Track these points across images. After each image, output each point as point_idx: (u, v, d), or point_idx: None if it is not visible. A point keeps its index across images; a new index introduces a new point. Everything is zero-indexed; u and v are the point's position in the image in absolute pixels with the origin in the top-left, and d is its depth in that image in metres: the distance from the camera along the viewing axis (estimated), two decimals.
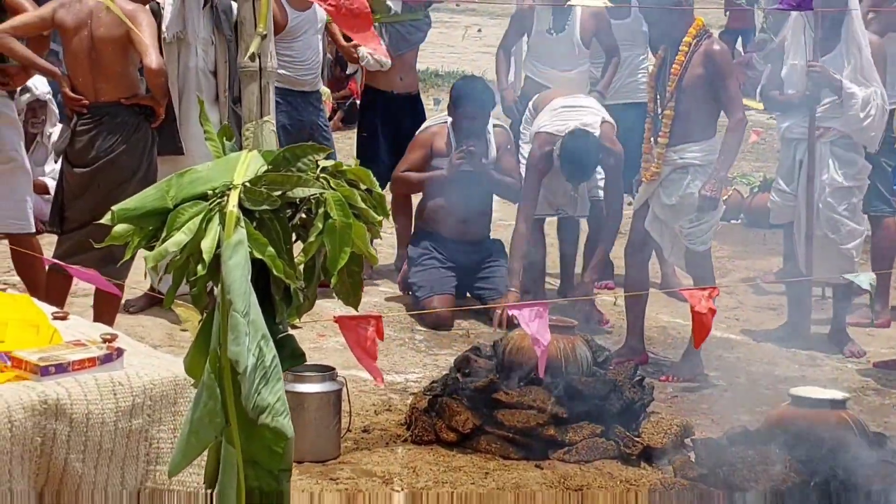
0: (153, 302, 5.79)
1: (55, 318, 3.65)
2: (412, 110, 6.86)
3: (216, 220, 1.81)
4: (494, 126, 6.29)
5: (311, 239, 1.88)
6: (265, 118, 1.91)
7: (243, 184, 1.83)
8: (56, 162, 5.96)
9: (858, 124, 5.55)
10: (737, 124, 5.24)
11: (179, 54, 5.73)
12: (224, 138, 1.91)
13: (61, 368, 3.12)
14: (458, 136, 6.12)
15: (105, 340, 3.34)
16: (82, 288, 5.81)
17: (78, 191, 5.17)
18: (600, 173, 6.01)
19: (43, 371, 3.09)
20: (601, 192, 6.10)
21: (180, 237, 1.80)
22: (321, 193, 1.88)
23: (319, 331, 5.67)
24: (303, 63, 6.31)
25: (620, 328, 5.80)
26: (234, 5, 5.44)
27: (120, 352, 3.28)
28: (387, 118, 6.72)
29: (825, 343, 5.77)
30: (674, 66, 5.22)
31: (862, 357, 5.66)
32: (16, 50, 5.09)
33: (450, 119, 6.20)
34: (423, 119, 6.73)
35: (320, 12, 6.27)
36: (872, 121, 5.55)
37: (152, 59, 4.90)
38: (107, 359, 3.23)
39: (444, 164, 6.11)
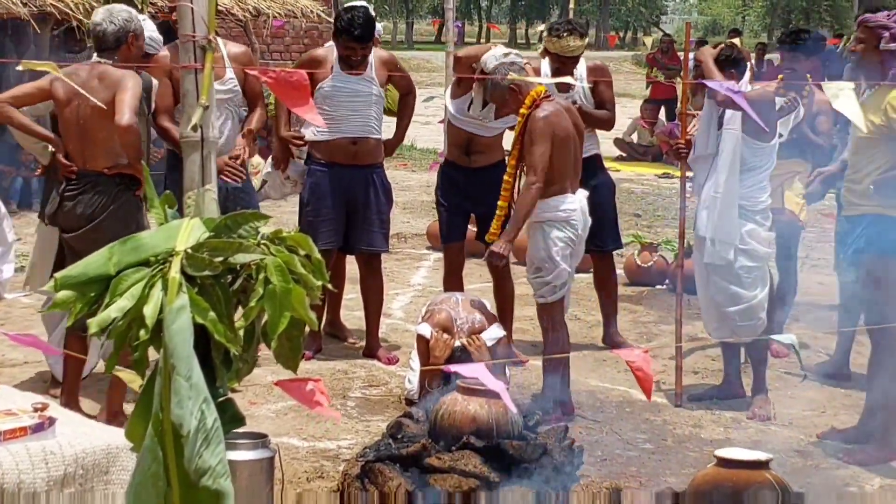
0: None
1: None
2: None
3: (159, 285, 1.85)
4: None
5: (252, 304, 1.92)
6: (206, 186, 1.96)
7: (185, 250, 1.87)
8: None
9: None
10: (525, 187, 5.42)
11: None
12: (166, 206, 1.95)
13: None
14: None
15: (36, 410, 3.33)
16: (9, 358, 5.74)
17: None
18: None
19: None
20: None
21: (123, 303, 1.83)
22: (261, 259, 1.93)
23: (251, 398, 5.66)
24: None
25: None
26: (155, 83, 5.54)
27: (52, 420, 3.27)
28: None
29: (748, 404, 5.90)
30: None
31: (767, 421, 5.76)
32: (14, 118, 5.23)
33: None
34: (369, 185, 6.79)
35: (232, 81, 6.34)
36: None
37: (123, 116, 4.90)
38: (38, 428, 3.22)
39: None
